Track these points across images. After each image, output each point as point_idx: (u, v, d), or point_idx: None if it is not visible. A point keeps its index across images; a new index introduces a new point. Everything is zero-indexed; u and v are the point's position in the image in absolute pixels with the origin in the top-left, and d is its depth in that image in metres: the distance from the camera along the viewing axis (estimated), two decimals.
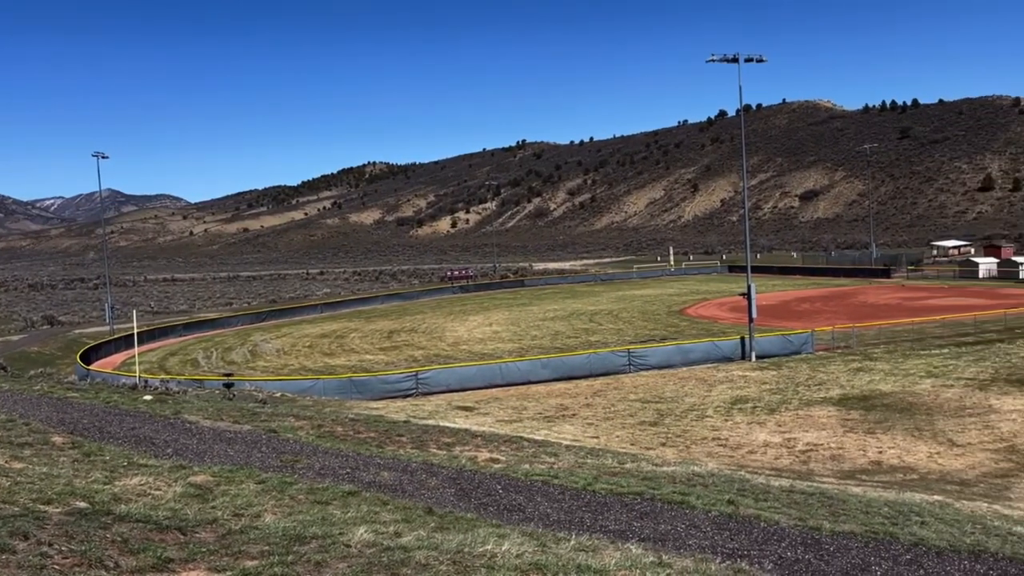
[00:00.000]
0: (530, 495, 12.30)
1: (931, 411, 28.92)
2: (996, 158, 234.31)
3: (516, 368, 39.45)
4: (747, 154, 54.43)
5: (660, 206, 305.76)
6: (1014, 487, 20.25)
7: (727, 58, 42.93)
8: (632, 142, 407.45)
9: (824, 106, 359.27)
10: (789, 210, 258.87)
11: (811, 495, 14.49)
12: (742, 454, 24.12)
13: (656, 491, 12.95)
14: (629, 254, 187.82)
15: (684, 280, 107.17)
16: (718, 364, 41.42)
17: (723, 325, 56.00)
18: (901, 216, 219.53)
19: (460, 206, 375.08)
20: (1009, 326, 48.85)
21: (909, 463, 22.78)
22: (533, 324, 62.93)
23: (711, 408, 31.06)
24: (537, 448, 19.69)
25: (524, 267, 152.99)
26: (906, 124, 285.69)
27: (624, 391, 35.49)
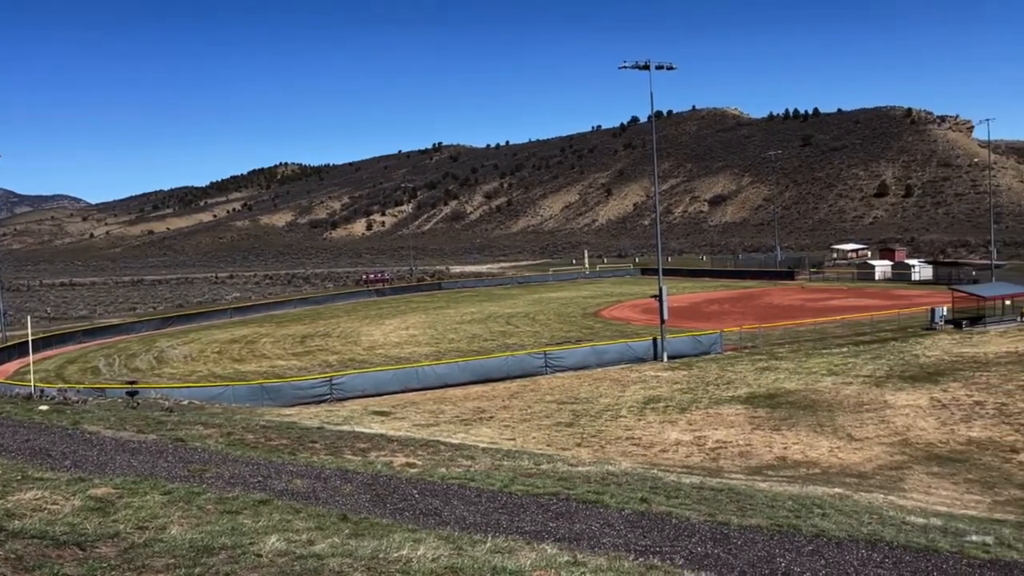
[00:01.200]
0: (446, 499, 12.27)
1: (832, 408, 30.20)
2: (890, 166, 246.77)
3: (433, 372, 39.27)
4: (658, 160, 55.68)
5: (575, 210, 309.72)
6: (908, 478, 21.34)
7: (639, 65, 43.84)
8: (548, 146, 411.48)
9: (732, 114, 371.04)
10: (699, 214, 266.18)
11: (720, 491, 14.93)
12: (655, 453, 24.64)
13: (571, 491, 13.11)
14: (545, 257, 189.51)
15: (599, 283, 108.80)
16: (632, 365, 42.21)
17: (636, 327, 57.10)
18: (804, 220, 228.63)
19: (376, 208, 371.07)
20: (902, 325, 51.47)
21: (812, 458, 23.71)
22: (450, 327, 62.77)
23: (625, 408, 31.61)
24: (454, 451, 19.66)
25: (441, 270, 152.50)
26: (808, 132, 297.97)
27: (541, 393, 35.78)
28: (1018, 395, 30.64)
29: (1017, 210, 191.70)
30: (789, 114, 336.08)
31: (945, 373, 35.63)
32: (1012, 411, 28.29)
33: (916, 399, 30.90)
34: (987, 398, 30.45)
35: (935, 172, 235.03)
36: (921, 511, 15.43)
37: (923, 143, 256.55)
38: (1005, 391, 31.42)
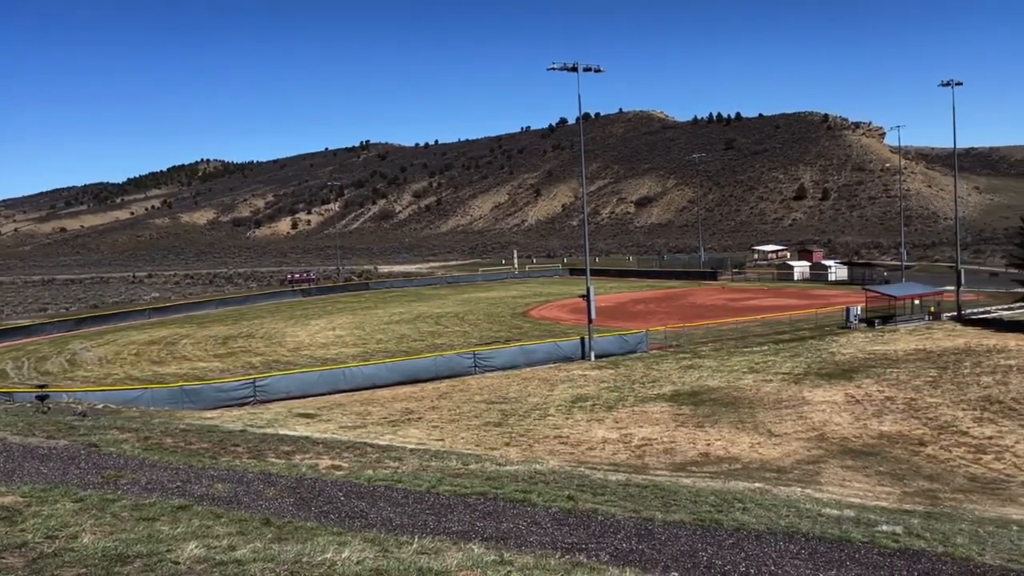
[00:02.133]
0: (373, 500, 12.13)
1: (753, 404, 31.06)
2: (808, 169, 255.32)
3: (360, 372, 38.81)
4: (586, 161, 56.26)
5: (504, 210, 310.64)
6: (824, 472, 22.10)
7: (567, 67, 44.21)
8: (477, 146, 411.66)
9: (657, 117, 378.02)
10: (625, 215, 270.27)
11: (645, 488, 15.17)
12: (582, 451, 24.90)
13: (499, 490, 13.12)
14: (475, 257, 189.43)
15: (528, 283, 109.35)
16: (560, 364, 42.56)
17: (565, 326, 57.60)
18: (726, 222, 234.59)
19: (301, 207, 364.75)
20: (819, 324, 53.30)
21: (734, 453, 24.33)
22: (378, 328, 62.16)
23: (553, 407, 31.85)
24: (381, 453, 19.45)
25: (369, 270, 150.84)
26: (731, 136, 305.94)
27: (470, 393, 35.75)
28: (926, 391, 32.08)
29: (925, 213, 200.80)
30: (713, 118, 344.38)
31: (859, 370, 37.05)
32: (920, 406, 29.59)
33: (832, 395, 32.04)
34: (897, 394, 31.79)
35: (850, 176, 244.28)
36: (836, 503, 15.98)
37: (839, 148, 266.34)
38: (914, 387, 32.86)
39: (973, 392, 31.37)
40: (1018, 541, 11.53)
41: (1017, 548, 10.82)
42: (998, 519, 15.73)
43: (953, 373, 35.28)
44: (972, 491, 20.04)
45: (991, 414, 27.96)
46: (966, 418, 27.59)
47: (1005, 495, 19.65)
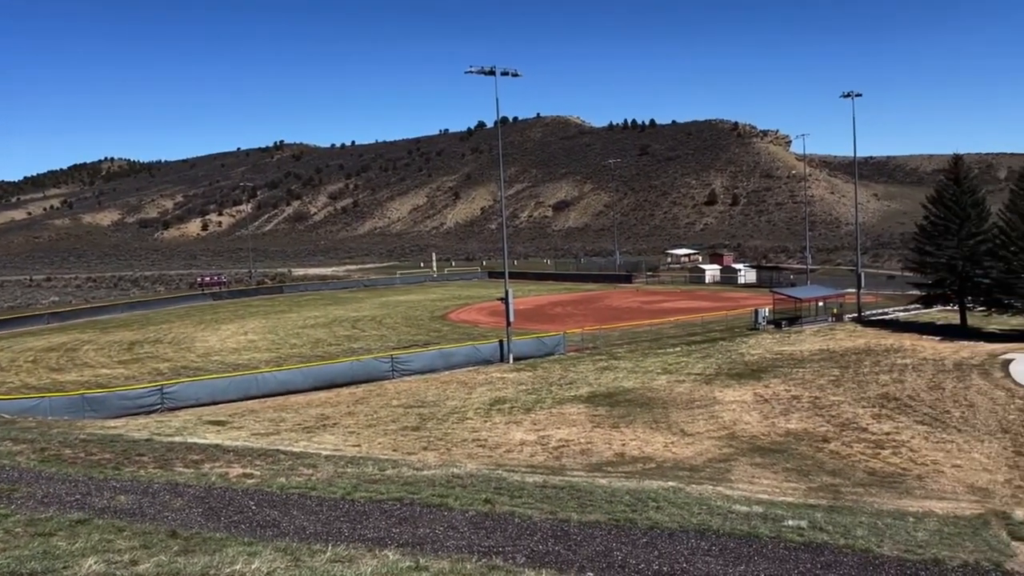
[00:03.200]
0: (286, 509, 11.85)
1: (667, 405, 31.72)
2: (719, 176, 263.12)
3: (274, 378, 37.92)
4: (505, 165, 56.57)
5: (423, 212, 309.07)
6: (734, 470, 22.73)
7: (484, 70, 44.32)
8: (395, 148, 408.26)
9: (574, 122, 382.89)
10: (543, 219, 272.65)
11: (562, 489, 15.29)
12: (500, 453, 24.93)
13: (416, 495, 13.01)
14: (392, 260, 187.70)
15: (446, 286, 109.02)
16: (478, 367, 42.56)
17: (483, 329, 57.64)
18: (641, 226, 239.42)
19: (212, 208, 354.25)
20: (730, 326, 54.91)
21: (648, 453, 24.79)
22: (292, 332, 60.88)
23: (471, 410, 31.81)
24: (295, 460, 19.03)
25: (283, 273, 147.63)
26: (645, 142, 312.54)
27: (387, 397, 35.37)
28: (829, 389, 33.42)
29: (828, 219, 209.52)
30: (628, 124, 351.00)
31: (767, 370, 38.32)
32: (824, 404, 30.80)
33: (742, 395, 33.02)
34: (803, 392, 33.01)
35: (758, 183, 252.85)
36: (745, 500, 16.46)
37: (748, 155, 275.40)
38: (818, 386, 34.19)
39: (872, 390, 32.84)
40: (913, 532, 12.10)
41: (912, 539, 11.36)
42: (895, 511, 16.48)
43: (854, 372, 36.86)
44: (872, 485, 20.95)
45: (888, 411, 29.32)
46: (866, 415, 28.85)
47: (902, 488, 20.62)
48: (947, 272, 49.54)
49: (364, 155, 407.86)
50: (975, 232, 48.95)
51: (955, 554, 10.39)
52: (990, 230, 48.60)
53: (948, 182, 51.51)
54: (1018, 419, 27.49)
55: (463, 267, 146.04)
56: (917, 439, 25.47)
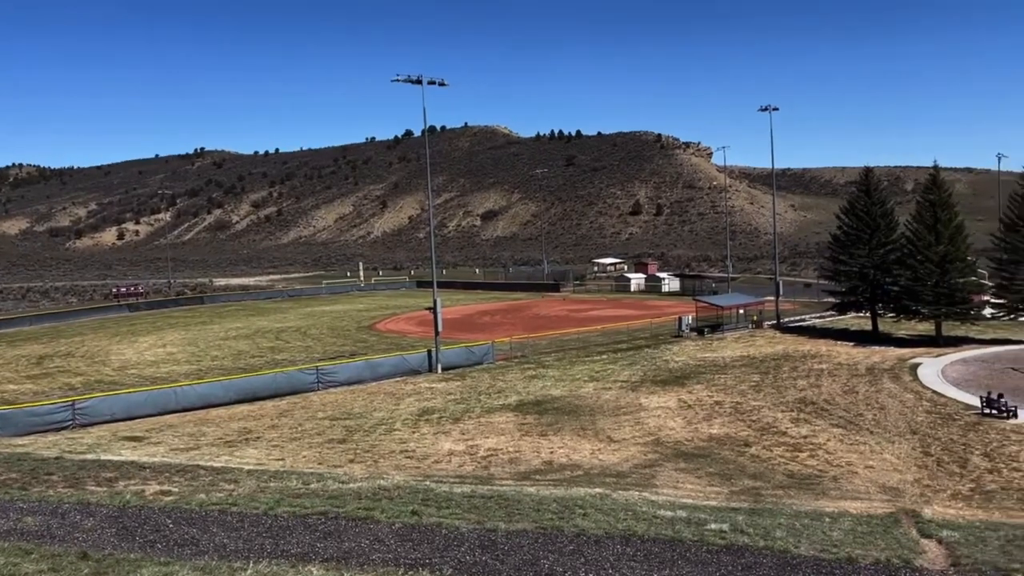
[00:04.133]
0: (205, 526, 11.50)
1: (594, 412, 32.05)
2: (643, 186, 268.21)
3: (194, 391, 36.79)
4: (433, 174, 56.45)
5: (349, 221, 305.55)
6: (659, 475, 23.10)
7: (411, 79, 44.14)
8: (320, 156, 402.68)
9: (502, 132, 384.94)
10: (472, 228, 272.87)
11: (490, 498, 15.27)
12: (428, 464, 24.75)
13: (341, 509, 12.80)
14: (318, 269, 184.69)
15: (374, 295, 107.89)
16: (406, 377, 42.20)
17: (412, 339, 57.22)
18: (568, 235, 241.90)
19: (129, 216, 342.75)
20: (655, 333, 55.89)
21: (576, 460, 24.98)
22: (213, 344, 59.25)
23: (399, 421, 31.51)
24: (215, 476, 18.50)
25: (204, 283, 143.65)
26: (571, 153, 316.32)
27: (312, 409, 34.74)
28: (750, 394, 34.32)
29: (748, 229, 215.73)
30: (555, 135, 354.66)
31: (691, 376, 39.12)
32: (745, 409, 31.62)
33: (666, 401, 33.62)
34: (725, 398, 33.81)
35: (681, 193, 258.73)
36: (670, 505, 16.74)
37: (671, 166, 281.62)
38: (739, 391, 35.08)
39: (791, 395, 33.88)
40: (829, 532, 12.51)
41: (828, 539, 11.74)
42: (812, 512, 17.01)
43: (773, 377, 37.96)
44: (790, 487, 21.58)
45: (806, 415, 30.29)
46: (785, 419, 29.73)
47: (818, 489, 21.30)
48: (859, 280, 51.51)
49: (289, 163, 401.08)
50: (885, 241, 51.08)
51: (868, 552, 10.78)
52: (898, 240, 50.77)
53: (859, 194, 53.64)
54: (925, 420, 28.75)
55: (391, 276, 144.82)
56: (833, 441, 26.36)
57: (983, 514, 18.55)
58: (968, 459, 23.81)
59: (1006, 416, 28.36)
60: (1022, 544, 11.69)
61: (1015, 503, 19.78)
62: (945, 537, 12.23)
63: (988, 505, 19.64)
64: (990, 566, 10.29)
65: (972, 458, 23.87)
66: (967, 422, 28.25)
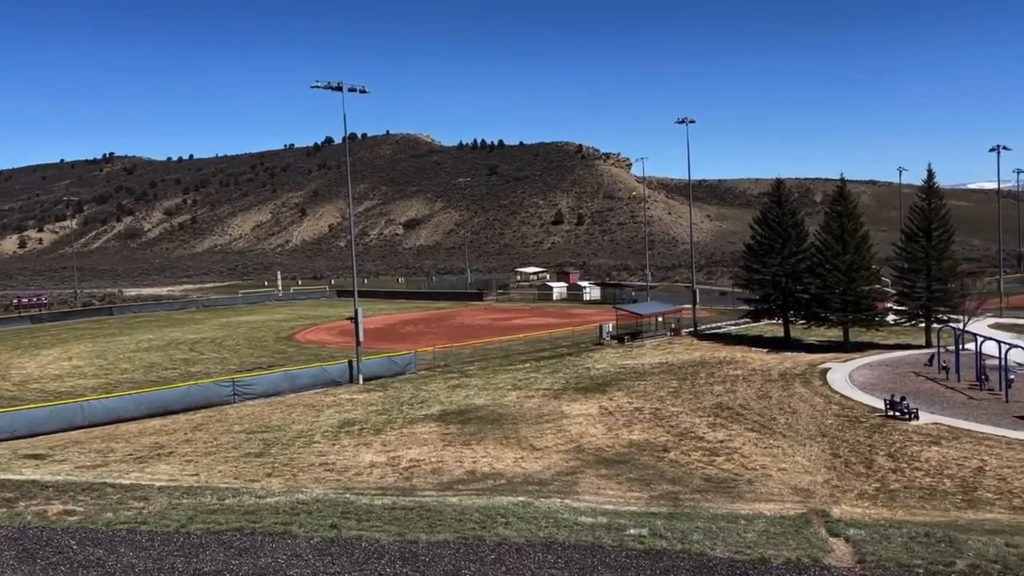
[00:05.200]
0: (112, 546, 11.04)
1: (516, 420, 32.15)
2: (565, 196, 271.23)
3: (102, 406, 35.30)
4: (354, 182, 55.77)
5: (267, 229, 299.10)
6: (581, 482, 23.33)
7: (331, 86, 43.58)
8: (237, 162, 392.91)
9: (424, 140, 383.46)
10: (394, 237, 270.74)
11: (412, 510, 15.13)
12: (349, 476, 24.38)
13: (257, 524, 12.48)
14: (234, 279, 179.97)
15: (292, 305, 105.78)
16: (327, 388, 41.50)
17: (332, 349, 56.33)
18: (491, 244, 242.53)
19: (31, 223, 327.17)
20: (576, 341, 56.48)
21: (499, 469, 25.00)
22: (123, 356, 57.04)
23: (319, 433, 30.95)
24: (124, 494, 17.79)
25: (113, 293, 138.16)
26: (494, 162, 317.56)
27: (228, 423, 33.81)
28: (668, 400, 35.02)
29: (666, 238, 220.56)
30: (477, 144, 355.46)
31: (611, 383, 39.68)
32: (664, 415, 32.24)
33: (588, 408, 34.00)
34: (644, 404, 34.41)
35: (602, 203, 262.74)
36: (591, 511, 16.91)
37: (592, 177, 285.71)
38: (658, 397, 35.75)
39: (708, 400, 34.72)
40: (744, 534, 12.85)
41: (743, 540, 12.05)
42: (728, 515, 17.45)
43: (691, 383, 38.85)
44: (708, 491, 22.10)
45: (722, 420, 31.09)
46: (702, 424, 30.44)
47: (734, 492, 21.88)
48: (772, 288, 53.25)
49: (204, 169, 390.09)
50: (796, 251, 52.96)
51: (779, 552, 11.12)
52: (808, 249, 52.70)
53: (772, 205, 55.51)
54: (834, 423, 29.88)
55: (310, 286, 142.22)
56: (748, 445, 27.12)
57: (887, 512, 19.39)
58: (874, 460, 24.84)
59: (908, 418, 29.71)
60: (923, 541, 12.23)
61: (917, 501, 20.74)
62: (852, 536, 12.71)
63: (892, 504, 20.53)
64: (893, 563, 10.74)
65: (877, 459, 24.92)
66: (873, 424, 29.48)
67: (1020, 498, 20.78)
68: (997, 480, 22.28)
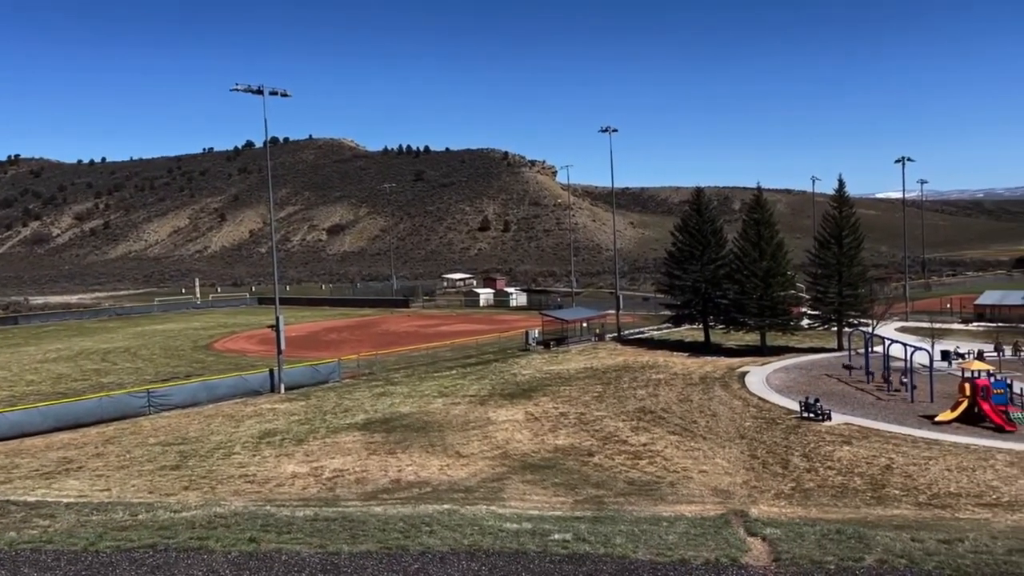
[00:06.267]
0: (15, 567, 10.50)
1: (443, 428, 31.97)
2: (491, 203, 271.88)
3: (5, 420, 33.56)
4: (275, 187, 54.60)
5: (185, 235, 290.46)
6: (507, 488, 23.32)
7: (252, 89, 42.64)
8: (153, 166, 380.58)
9: (348, 145, 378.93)
10: (317, 243, 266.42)
11: (334, 521, 14.85)
12: (270, 488, 23.81)
13: (172, 540, 12.06)
14: (150, 286, 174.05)
15: (212, 313, 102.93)
16: (247, 398, 40.49)
17: (252, 358, 55.02)
18: (418, 251, 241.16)
19: None
20: (503, 347, 56.58)
21: (424, 477, 24.79)
22: (29, 367, 54.45)
23: (239, 444, 30.15)
24: (28, 511, 16.95)
25: (18, 301, 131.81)
26: (420, 168, 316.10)
27: (143, 435, 32.61)
28: (593, 405, 35.38)
29: (591, 245, 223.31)
30: (403, 149, 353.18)
31: (537, 389, 39.86)
32: (589, 419, 32.56)
33: (514, 414, 34.06)
34: (570, 409, 34.68)
35: (528, 210, 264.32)
36: (516, 517, 16.93)
37: (518, 184, 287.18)
38: (583, 402, 36.09)
39: (631, 404, 35.22)
40: (665, 536, 13.08)
41: (664, 542, 12.26)
42: (651, 517, 17.71)
43: (615, 388, 39.35)
44: (631, 494, 22.39)
45: (645, 423, 31.57)
46: (626, 428, 30.86)
47: (657, 495, 22.23)
48: (692, 294, 54.45)
49: (117, 173, 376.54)
50: (715, 258, 54.31)
51: (699, 553, 11.34)
52: (727, 256, 54.11)
53: (692, 212, 56.81)
54: (752, 425, 30.70)
55: (230, 293, 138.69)
56: (670, 448, 27.61)
57: (802, 511, 20.01)
58: (789, 460, 25.61)
59: (822, 419, 30.75)
60: (835, 538, 12.67)
61: (830, 500, 21.47)
62: (768, 535, 13.07)
63: (807, 502, 21.19)
64: (807, 560, 11.09)
65: (793, 459, 25.70)
66: (788, 425, 30.41)
67: (925, 494, 21.73)
68: (903, 477, 23.25)
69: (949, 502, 20.99)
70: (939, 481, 22.75)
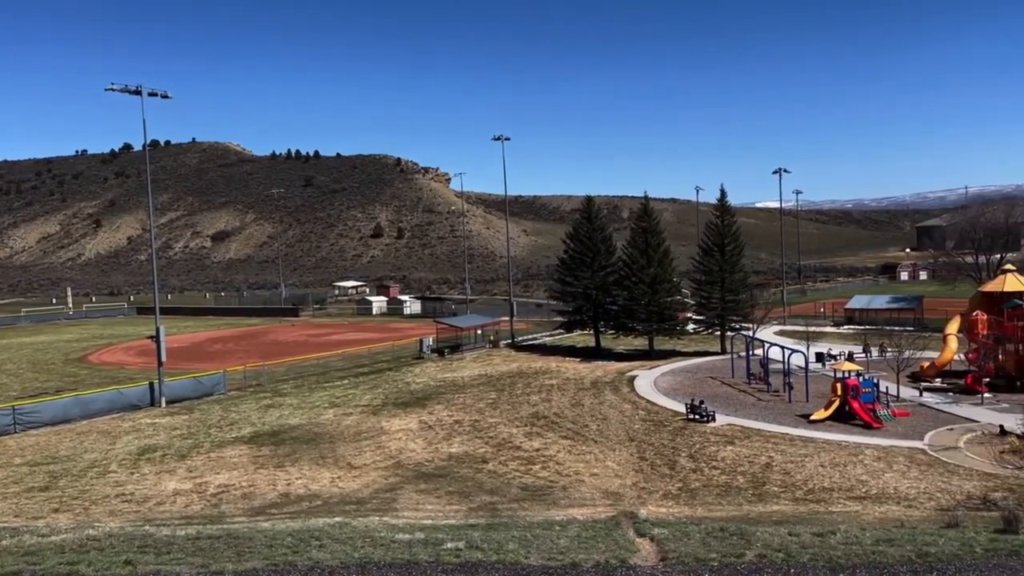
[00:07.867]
0: None
1: (334, 439, 31.34)
2: (384, 209, 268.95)
3: None
4: (156, 191, 52.21)
5: (56, 242, 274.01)
6: (400, 498, 23.09)
7: (129, 89, 40.77)
8: (19, 168, 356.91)
9: (234, 149, 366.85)
10: (201, 250, 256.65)
11: (219, 538, 14.26)
12: (149, 507, 22.73)
13: (39, 566, 11.31)
14: (17, 296, 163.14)
15: (86, 324, 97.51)
16: (124, 413, 38.54)
17: (131, 371, 52.49)
18: (308, 258, 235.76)
19: None
20: (397, 356, 56.02)
21: (315, 490, 24.23)
22: None
23: (115, 462, 28.65)
24: None
25: None
26: (310, 173, 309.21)
27: (8, 455, 30.53)
28: (487, 412, 35.49)
29: (485, 252, 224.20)
30: (292, 154, 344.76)
31: (431, 397, 39.66)
32: (483, 426, 32.63)
33: (407, 423, 33.76)
34: (464, 417, 34.66)
35: (422, 217, 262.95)
36: (409, 527, 16.73)
37: (411, 190, 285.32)
38: (478, 409, 36.14)
39: (525, 410, 35.52)
40: (557, 540, 13.19)
41: (556, 546, 12.38)
42: (544, 522, 17.88)
43: (509, 394, 39.60)
44: (525, 499, 22.58)
45: (539, 428, 31.91)
46: (519, 434, 31.10)
47: (549, 500, 22.49)
48: (584, 300, 55.52)
49: None
50: (605, 265, 55.58)
51: (590, 556, 11.52)
52: (617, 263, 55.50)
53: (582, 220, 57.97)
54: (641, 428, 31.52)
55: (106, 303, 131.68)
56: (563, 453, 28.00)
57: (688, 510, 20.68)
58: (676, 461, 26.43)
59: (706, 420, 31.89)
60: (718, 535, 13.12)
61: (714, 498, 22.28)
62: (656, 535, 13.41)
63: (693, 502, 21.92)
64: (692, 558, 11.43)
65: (680, 460, 26.54)
66: (675, 427, 31.38)
67: (801, 490, 22.87)
68: (782, 474, 24.39)
69: (823, 496, 22.17)
70: (814, 477, 23.99)
